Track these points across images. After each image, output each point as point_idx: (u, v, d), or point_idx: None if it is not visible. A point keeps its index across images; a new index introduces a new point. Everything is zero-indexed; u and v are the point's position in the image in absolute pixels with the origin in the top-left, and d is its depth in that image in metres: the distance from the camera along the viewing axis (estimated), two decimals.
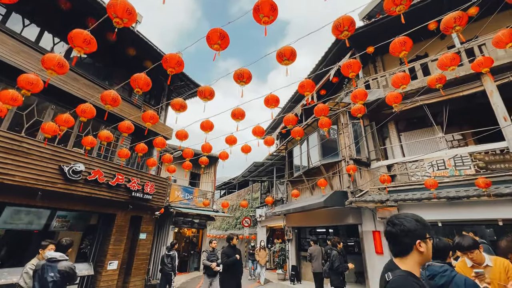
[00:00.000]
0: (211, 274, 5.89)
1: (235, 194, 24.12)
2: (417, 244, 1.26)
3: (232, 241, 5.30)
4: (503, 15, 6.62)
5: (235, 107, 4.38)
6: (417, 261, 1.27)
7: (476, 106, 7.11)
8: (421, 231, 1.29)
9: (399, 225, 1.33)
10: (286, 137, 12.86)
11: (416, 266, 1.27)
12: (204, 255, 6.13)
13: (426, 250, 1.27)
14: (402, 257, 1.30)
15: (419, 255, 1.27)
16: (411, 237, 1.28)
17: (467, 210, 5.97)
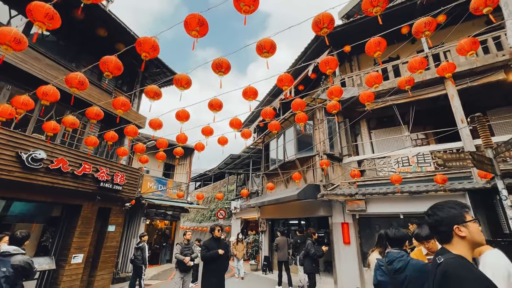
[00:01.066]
0: (184, 269, 5.41)
1: (211, 186, 23.93)
2: (455, 230, 1.25)
3: (215, 232, 4.63)
4: (467, 25, 7.14)
5: (212, 98, 4.30)
6: (464, 245, 1.24)
7: (439, 108, 7.68)
8: (457, 217, 1.27)
9: (432, 215, 1.35)
10: (263, 130, 12.94)
11: (465, 251, 1.23)
12: (178, 248, 5.60)
13: (469, 233, 1.23)
14: (447, 244, 1.29)
15: (463, 240, 1.24)
16: (447, 225, 1.28)
17: (425, 203, 6.50)
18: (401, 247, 2.33)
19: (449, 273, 1.12)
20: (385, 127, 8.96)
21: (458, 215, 1.28)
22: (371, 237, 7.28)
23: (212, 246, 4.40)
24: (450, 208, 1.31)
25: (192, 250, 5.61)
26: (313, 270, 5.74)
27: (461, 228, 1.24)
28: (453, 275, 1.10)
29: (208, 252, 4.30)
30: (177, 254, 5.47)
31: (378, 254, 3.01)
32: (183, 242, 5.69)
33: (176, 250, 5.56)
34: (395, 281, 2.08)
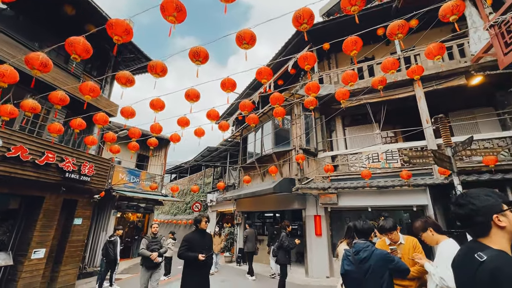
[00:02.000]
0: (150, 267, 4.75)
1: (187, 178, 23.49)
2: (494, 220, 1.10)
3: (201, 224, 3.86)
4: (435, 31, 7.59)
5: (189, 88, 4.17)
6: (503, 237, 1.10)
7: (407, 108, 8.16)
8: (495, 205, 1.13)
9: (466, 205, 1.19)
10: (242, 123, 12.89)
11: (505, 244, 1.09)
12: (144, 243, 4.87)
13: (509, 223, 1.09)
14: (484, 237, 1.13)
15: (502, 231, 1.10)
16: (485, 214, 1.12)
17: (391, 197, 6.96)
18: (367, 238, 2.47)
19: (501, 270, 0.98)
20: (358, 124, 9.35)
21: (496, 203, 1.13)
22: (341, 229, 7.65)
23: (195, 241, 3.70)
24: (486, 196, 1.16)
25: (160, 245, 4.97)
26: (285, 261, 5.92)
27: (500, 217, 1.10)
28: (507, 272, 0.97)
29: (187, 251, 3.58)
30: (142, 250, 4.77)
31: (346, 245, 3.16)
32: (150, 235, 5.07)
33: (141, 245, 4.84)
34: (360, 270, 2.20)
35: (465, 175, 5.92)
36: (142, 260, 4.85)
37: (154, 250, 4.77)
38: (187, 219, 18.82)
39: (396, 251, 2.73)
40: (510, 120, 7.07)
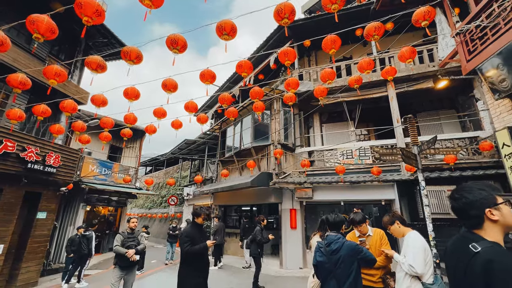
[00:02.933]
0: (126, 266, 4.19)
1: (163, 171, 22.86)
2: (487, 213, 1.13)
3: (199, 218, 3.49)
4: (408, 36, 7.99)
5: (167, 77, 4.02)
6: (496, 230, 1.13)
7: (380, 108, 8.56)
8: (488, 199, 1.15)
9: (459, 199, 1.22)
10: (221, 117, 12.74)
11: (498, 236, 1.13)
12: (118, 239, 4.26)
13: (502, 216, 1.12)
14: (478, 229, 1.16)
15: (495, 224, 1.13)
16: (478, 208, 1.15)
17: (363, 192, 7.32)
18: (339, 230, 2.59)
19: (496, 261, 1.01)
20: (334, 121, 9.66)
21: (489, 197, 1.15)
22: (315, 222, 7.92)
23: (196, 235, 3.35)
24: (479, 190, 1.19)
25: (138, 241, 4.42)
26: (258, 254, 6.06)
27: (493, 211, 1.12)
28: (501, 263, 1.00)
29: (193, 244, 3.22)
30: (117, 247, 4.15)
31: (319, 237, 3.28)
32: (126, 230, 4.47)
33: (115, 242, 4.21)
34: (331, 261, 2.31)
35: (428, 172, 6.37)
36: (116, 258, 4.27)
37: (130, 247, 4.20)
38: (162, 213, 18.38)
39: (364, 243, 2.89)
40: (469, 123, 7.70)
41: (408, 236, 2.46)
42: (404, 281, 2.33)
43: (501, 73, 4.13)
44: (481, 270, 1.03)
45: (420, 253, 2.31)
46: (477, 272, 1.04)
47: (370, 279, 2.76)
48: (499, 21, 4.18)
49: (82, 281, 6.59)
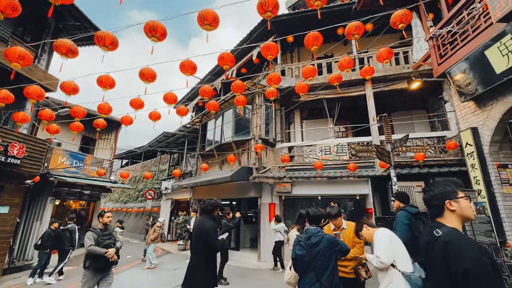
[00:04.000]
0: (101, 268, 3.55)
1: (140, 164, 22.10)
2: (446, 204, 1.36)
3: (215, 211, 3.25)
4: (386, 37, 8.28)
5: (144, 66, 3.85)
6: (454, 219, 1.35)
7: (358, 106, 8.85)
8: (450, 193, 1.37)
9: (428, 191, 1.47)
10: (202, 110, 12.51)
11: (456, 224, 1.34)
12: (91, 237, 3.55)
13: (459, 208, 1.34)
14: (440, 217, 1.39)
15: (453, 214, 1.35)
16: (439, 199, 1.39)
17: (339, 187, 7.58)
18: (318, 224, 2.66)
19: (451, 243, 1.21)
20: (314, 118, 9.86)
21: (451, 191, 1.38)
22: (293, 216, 8.09)
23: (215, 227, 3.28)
24: (445, 185, 1.42)
25: (114, 238, 3.82)
26: (227, 245, 6.14)
27: (452, 203, 1.35)
28: (454, 244, 1.21)
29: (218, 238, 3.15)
30: (92, 246, 3.47)
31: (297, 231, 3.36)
32: (98, 227, 3.81)
33: (87, 241, 3.51)
34: (310, 254, 2.37)
35: (400, 169, 6.74)
36: (89, 260, 3.51)
37: (108, 246, 3.57)
38: (138, 207, 17.84)
39: (339, 235, 3.01)
40: (438, 123, 8.21)
41: (375, 235, 2.48)
42: (385, 279, 2.27)
43: (467, 77, 4.43)
44: (440, 251, 1.25)
45: (384, 242, 2.32)
46: (437, 253, 1.25)
47: (343, 270, 2.89)
48: (468, 28, 4.45)
49: (52, 276, 6.37)
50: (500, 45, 3.69)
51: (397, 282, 2.14)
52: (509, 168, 4.29)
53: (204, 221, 3.11)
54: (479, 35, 4.21)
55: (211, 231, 2.99)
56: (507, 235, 3.94)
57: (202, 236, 2.96)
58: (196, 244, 3.09)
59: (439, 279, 1.25)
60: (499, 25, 3.71)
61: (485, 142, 4.40)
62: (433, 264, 1.30)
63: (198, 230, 3.07)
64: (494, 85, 3.96)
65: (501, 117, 4.13)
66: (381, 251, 2.29)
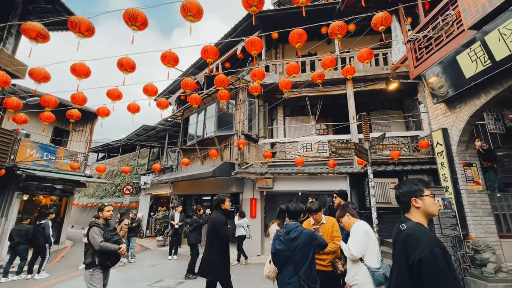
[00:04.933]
0: (110, 265, 3.46)
1: (118, 158, 21.29)
2: (412, 201, 1.49)
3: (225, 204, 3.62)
4: (368, 38, 8.52)
5: (123, 56, 3.69)
6: (419, 214, 1.48)
7: (339, 104, 9.09)
8: (416, 191, 1.50)
9: (398, 189, 1.59)
10: (184, 103, 12.23)
11: (421, 219, 1.47)
12: (98, 233, 3.32)
13: (423, 205, 1.47)
14: (408, 213, 1.53)
15: (418, 210, 1.48)
16: (407, 197, 1.52)
17: (319, 183, 7.79)
18: (297, 219, 2.72)
19: (411, 235, 1.37)
20: (297, 115, 9.99)
21: (418, 189, 1.50)
22: (274, 211, 8.20)
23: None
24: (412, 184, 1.55)
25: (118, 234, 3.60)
26: (195, 241, 6.17)
27: (417, 200, 1.48)
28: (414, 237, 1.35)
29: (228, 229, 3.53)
30: (103, 243, 3.24)
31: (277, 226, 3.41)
32: (99, 222, 3.52)
33: (97, 236, 3.26)
34: (289, 248, 2.42)
35: (376, 166, 7.03)
36: (98, 257, 3.28)
37: (117, 242, 3.40)
38: (116, 203, 17.21)
39: (318, 230, 3.09)
40: (412, 123, 8.64)
41: (353, 226, 2.63)
42: (352, 268, 2.49)
43: (440, 80, 4.68)
44: (402, 242, 1.40)
45: (360, 237, 2.46)
46: (400, 245, 1.42)
47: (321, 263, 2.98)
48: (442, 34, 4.70)
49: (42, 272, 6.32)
50: (470, 51, 3.93)
51: (361, 275, 2.37)
52: (473, 166, 4.63)
53: (215, 215, 3.53)
54: (452, 41, 4.45)
55: (220, 224, 3.40)
56: (470, 228, 4.26)
57: (215, 229, 3.40)
58: (210, 237, 3.50)
59: (401, 269, 1.39)
60: (470, 32, 3.94)
61: (454, 142, 4.69)
62: (397, 255, 1.45)
63: (210, 225, 3.49)
64: (463, 88, 4.22)
65: (468, 119, 4.42)
66: (354, 245, 2.45)
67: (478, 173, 4.57)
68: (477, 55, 3.82)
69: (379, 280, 2.29)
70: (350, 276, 2.48)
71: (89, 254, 3.30)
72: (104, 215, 3.58)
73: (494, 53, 3.57)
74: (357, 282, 2.39)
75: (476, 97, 4.23)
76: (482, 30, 3.68)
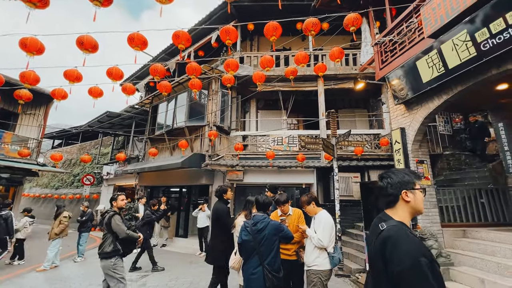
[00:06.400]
0: (128, 253, 3.53)
1: (77, 146, 19.70)
2: (402, 194, 1.28)
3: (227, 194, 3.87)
4: (339, 38, 8.80)
5: (84, 34, 3.37)
6: (406, 210, 1.29)
7: (311, 101, 9.36)
8: (408, 183, 1.30)
9: (386, 178, 1.36)
10: (153, 90, 11.63)
11: (407, 216, 1.29)
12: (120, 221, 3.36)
13: (414, 199, 1.28)
14: (392, 207, 1.32)
15: (406, 205, 1.28)
16: (397, 188, 1.30)
17: (288, 176, 8.01)
18: (266, 211, 2.78)
19: (391, 239, 1.16)
20: (270, 109, 10.10)
21: (410, 181, 1.31)
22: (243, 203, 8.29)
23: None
24: (404, 174, 1.35)
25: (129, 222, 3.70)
26: (147, 235, 5.99)
27: (408, 193, 1.28)
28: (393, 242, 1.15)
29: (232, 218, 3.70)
30: (128, 231, 3.37)
31: (244, 217, 3.44)
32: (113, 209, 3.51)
33: (121, 224, 3.31)
34: (256, 239, 2.47)
35: (341, 161, 7.42)
36: (121, 245, 3.33)
37: (134, 231, 3.63)
38: (74, 194, 16.00)
39: (284, 221, 3.19)
40: (375, 122, 9.24)
41: (320, 215, 2.89)
42: (313, 252, 2.80)
43: (401, 83, 5.05)
44: (380, 244, 1.20)
45: (329, 229, 2.79)
46: (378, 246, 1.21)
47: (286, 252, 3.10)
48: (406, 39, 5.04)
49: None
50: (428, 58, 4.28)
51: (322, 258, 2.76)
52: (424, 163, 5.11)
53: (217, 206, 3.72)
54: (413, 47, 4.80)
55: (222, 214, 3.62)
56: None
57: (218, 219, 3.61)
58: (213, 227, 3.74)
59: (379, 278, 1.23)
60: (429, 40, 4.28)
61: (409, 141, 5.13)
62: (374, 260, 1.27)
63: (213, 215, 3.70)
64: (420, 92, 4.61)
65: (423, 120, 4.85)
66: (325, 237, 2.74)
67: (428, 170, 5.07)
68: (434, 62, 4.18)
69: (335, 262, 2.77)
70: (311, 259, 2.80)
71: (109, 243, 3.27)
72: (118, 204, 3.57)
73: (448, 61, 3.93)
74: (318, 263, 2.76)
75: (430, 100, 4.65)
76: (439, 39, 4.02)
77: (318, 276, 2.73)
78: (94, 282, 4.94)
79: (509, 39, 3.09)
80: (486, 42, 3.33)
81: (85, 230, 7.09)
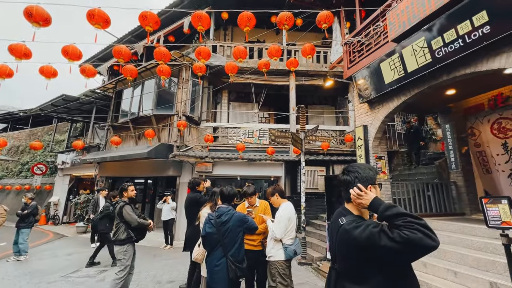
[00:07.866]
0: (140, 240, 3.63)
1: (26, 131, 17.70)
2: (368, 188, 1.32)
3: (200, 186, 3.93)
4: (312, 35, 9.04)
5: (34, 4, 2.98)
6: None
7: (282, 95, 9.49)
8: (373, 178, 1.35)
9: (354, 172, 1.38)
10: (117, 75, 10.83)
11: (364, 212, 1.35)
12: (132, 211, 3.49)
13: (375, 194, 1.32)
14: (350, 203, 1.36)
15: None
16: (363, 183, 1.32)
17: (257, 168, 8.11)
18: (230, 203, 2.77)
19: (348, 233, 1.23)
20: (241, 101, 10.04)
21: (373, 177, 1.36)
22: None
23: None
24: (369, 169, 1.40)
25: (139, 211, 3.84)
26: (105, 229, 5.71)
27: (372, 188, 1.33)
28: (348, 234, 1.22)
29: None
30: (140, 219, 3.50)
31: (209, 209, 3.41)
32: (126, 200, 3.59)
33: (131, 213, 3.44)
34: (220, 231, 2.46)
35: (308, 155, 7.70)
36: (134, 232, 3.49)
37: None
38: (21, 184, 14.42)
39: (251, 212, 3.23)
40: (341, 119, 9.70)
41: (281, 206, 2.98)
42: (271, 243, 2.91)
43: (366, 83, 5.35)
44: (339, 237, 1.29)
45: (284, 222, 2.85)
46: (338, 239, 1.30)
47: (251, 243, 3.15)
48: (372, 42, 5.32)
49: None
50: (390, 61, 4.58)
51: (276, 248, 2.85)
52: (382, 159, 5.53)
53: (190, 195, 3.85)
54: (379, 49, 5.09)
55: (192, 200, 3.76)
56: None
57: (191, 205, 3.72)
58: (187, 215, 3.81)
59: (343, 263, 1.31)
60: (392, 44, 4.57)
61: (371, 138, 5.48)
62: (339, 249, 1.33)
63: (186, 203, 3.83)
64: (382, 92, 4.93)
65: (383, 119, 5.21)
66: (278, 228, 2.83)
67: (385, 165, 5.49)
68: (395, 65, 4.48)
69: (289, 254, 2.82)
70: (268, 249, 2.94)
71: (122, 231, 3.46)
72: (128, 194, 3.65)
73: (407, 65, 4.25)
74: (273, 254, 2.86)
75: (391, 101, 5.00)
76: (401, 44, 4.31)
77: (275, 266, 2.82)
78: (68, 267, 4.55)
79: (459, 49, 3.43)
80: (440, 49, 3.65)
81: (26, 226, 6.00)
